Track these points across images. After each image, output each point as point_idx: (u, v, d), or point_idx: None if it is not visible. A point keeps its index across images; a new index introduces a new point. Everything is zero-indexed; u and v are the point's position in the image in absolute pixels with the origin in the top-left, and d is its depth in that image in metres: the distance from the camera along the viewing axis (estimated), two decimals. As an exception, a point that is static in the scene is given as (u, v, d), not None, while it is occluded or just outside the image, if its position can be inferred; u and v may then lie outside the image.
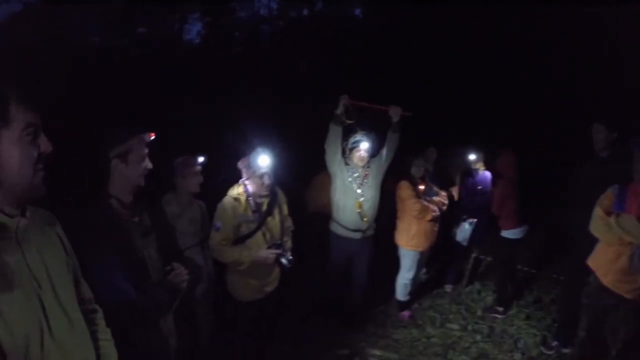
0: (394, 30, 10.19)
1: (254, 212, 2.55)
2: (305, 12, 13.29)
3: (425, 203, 3.56)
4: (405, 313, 3.84)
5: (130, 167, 1.68)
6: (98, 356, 1.23)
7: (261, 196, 2.57)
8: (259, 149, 2.51)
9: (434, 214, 3.56)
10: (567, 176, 3.34)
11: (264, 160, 2.47)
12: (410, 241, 3.65)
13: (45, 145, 1.03)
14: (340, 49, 10.34)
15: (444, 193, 3.85)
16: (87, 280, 1.31)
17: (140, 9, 11.91)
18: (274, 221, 2.67)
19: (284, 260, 2.53)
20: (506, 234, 3.86)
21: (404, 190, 3.58)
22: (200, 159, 2.64)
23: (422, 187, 3.67)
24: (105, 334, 1.32)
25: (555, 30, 7.33)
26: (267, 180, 2.50)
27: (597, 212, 2.40)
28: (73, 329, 1.10)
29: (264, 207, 2.60)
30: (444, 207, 3.71)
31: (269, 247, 2.52)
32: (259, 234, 2.56)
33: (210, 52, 12.00)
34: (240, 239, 2.53)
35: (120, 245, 1.59)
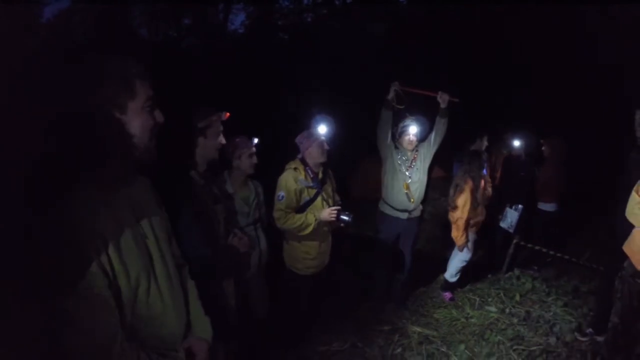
0: (438, 17, 10.04)
1: (312, 179, 2.78)
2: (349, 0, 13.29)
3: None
4: (447, 294, 3.93)
5: (209, 141, 1.88)
6: (187, 306, 1.35)
7: (318, 165, 2.79)
8: (319, 118, 2.78)
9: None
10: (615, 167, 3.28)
11: (323, 128, 2.78)
12: (473, 226, 3.73)
13: (159, 116, 1.19)
14: (385, 38, 10.25)
15: (488, 179, 3.90)
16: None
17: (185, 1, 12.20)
18: (329, 189, 2.91)
19: (345, 217, 2.69)
20: (542, 205, 4.43)
21: (466, 199, 3.54)
22: (255, 141, 2.73)
23: (483, 182, 3.67)
24: (191, 286, 1.44)
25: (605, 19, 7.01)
26: (326, 146, 2.75)
27: (633, 197, 2.40)
28: (171, 279, 1.24)
29: (320, 176, 2.83)
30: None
31: None
32: (319, 200, 2.77)
33: (254, 40, 12.24)
34: (302, 208, 2.74)
35: (197, 208, 1.78)
